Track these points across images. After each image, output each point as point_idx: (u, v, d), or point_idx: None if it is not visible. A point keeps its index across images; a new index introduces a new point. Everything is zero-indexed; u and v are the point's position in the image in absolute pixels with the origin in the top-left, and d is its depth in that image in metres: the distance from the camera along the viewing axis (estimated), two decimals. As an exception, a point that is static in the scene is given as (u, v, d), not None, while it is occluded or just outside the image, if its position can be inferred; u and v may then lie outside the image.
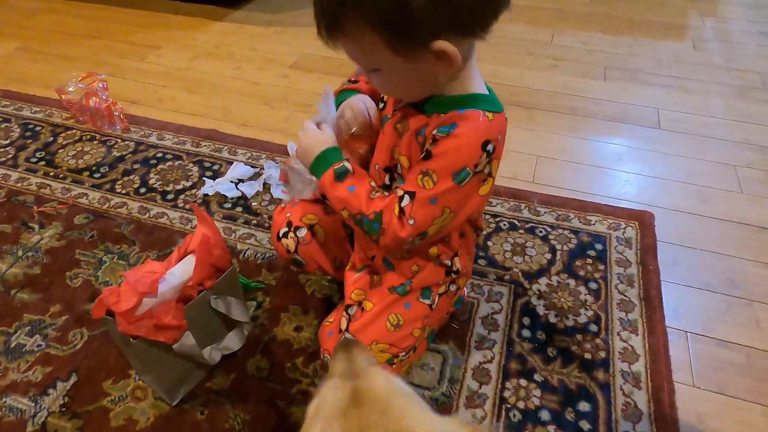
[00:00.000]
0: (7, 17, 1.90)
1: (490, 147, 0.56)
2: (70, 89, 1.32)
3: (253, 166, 1.17)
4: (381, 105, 0.69)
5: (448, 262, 0.69)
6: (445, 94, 0.57)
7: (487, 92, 0.59)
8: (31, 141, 1.27)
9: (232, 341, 0.78)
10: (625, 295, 0.90)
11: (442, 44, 0.49)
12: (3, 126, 1.32)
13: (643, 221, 1.04)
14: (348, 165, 0.62)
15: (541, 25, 1.81)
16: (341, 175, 0.61)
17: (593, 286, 0.92)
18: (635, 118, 1.36)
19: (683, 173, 1.17)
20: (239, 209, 1.08)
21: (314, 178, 0.65)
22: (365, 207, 0.60)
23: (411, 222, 0.58)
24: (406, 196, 0.58)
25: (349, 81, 0.72)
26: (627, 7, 1.95)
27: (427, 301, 0.70)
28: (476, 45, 0.55)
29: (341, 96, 0.71)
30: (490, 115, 0.56)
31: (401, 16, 0.47)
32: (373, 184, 0.62)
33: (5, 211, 1.07)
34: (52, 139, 1.28)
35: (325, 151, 0.63)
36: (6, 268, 0.95)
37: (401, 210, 0.58)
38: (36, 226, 1.04)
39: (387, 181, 0.66)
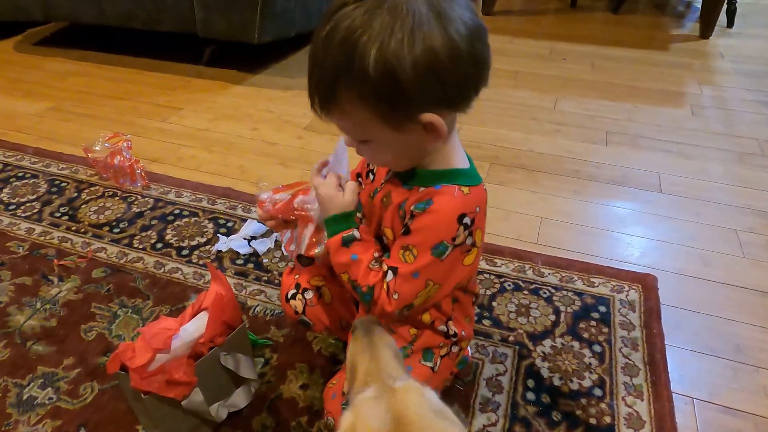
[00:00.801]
0: (42, 79, 2.03)
1: (467, 220, 0.59)
2: (97, 148, 1.40)
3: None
4: (371, 177, 0.73)
5: (443, 327, 0.71)
6: (427, 168, 0.62)
7: (468, 165, 0.63)
8: (56, 196, 1.34)
9: (239, 398, 0.79)
10: (630, 359, 0.90)
11: (429, 116, 0.53)
12: (31, 182, 1.39)
13: (646, 284, 1.05)
14: (356, 233, 0.64)
15: (544, 92, 1.90)
16: (348, 242, 0.64)
17: (597, 349, 0.92)
18: (636, 181, 1.40)
19: (685, 236, 1.20)
20: (251, 266, 1.11)
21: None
22: (362, 278, 0.63)
23: (395, 297, 0.61)
24: (390, 272, 0.61)
25: None
26: (627, 76, 2.04)
27: (429, 364, 0.72)
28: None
29: None
30: (466, 189, 0.60)
31: (392, 91, 0.50)
32: (376, 254, 0.64)
33: (27, 263, 1.12)
34: (76, 194, 1.34)
35: (340, 215, 0.65)
36: (24, 320, 0.98)
37: (387, 285, 0.61)
38: (55, 279, 1.07)
39: (376, 254, 0.69)
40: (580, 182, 1.40)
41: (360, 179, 0.78)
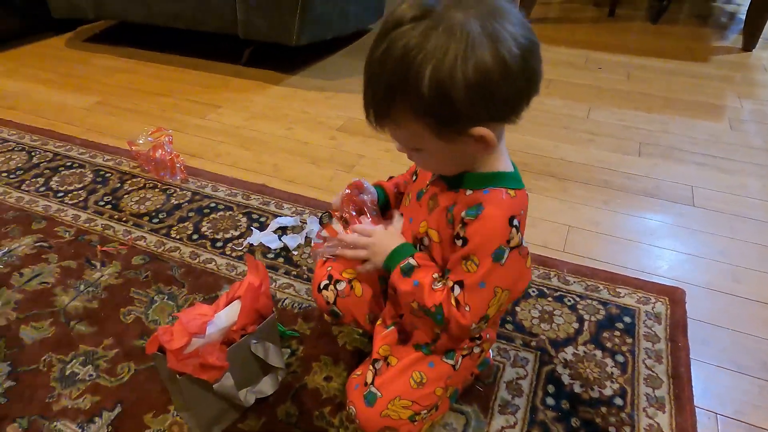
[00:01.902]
0: (90, 74, 2.13)
1: (516, 222, 0.61)
2: (140, 141, 1.47)
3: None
4: (414, 177, 0.75)
5: None
6: (474, 171, 0.64)
7: (512, 170, 0.65)
8: (100, 186, 1.41)
9: (267, 385, 0.83)
10: (653, 371, 0.90)
11: (480, 130, 0.55)
12: (78, 171, 1.47)
13: (674, 297, 1.04)
14: (413, 261, 0.67)
15: (578, 101, 1.89)
16: (408, 272, 0.66)
17: (620, 359, 0.92)
18: (669, 194, 1.38)
19: (717, 251, 1.18)
20: (281, 260, 1.15)
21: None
22: (428, 299, 0.64)
23: (467, 309, 0.63)
24: (456, 287, 0.63)
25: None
26: (664, 87, 2.01)
27: (451, 362, 0.74)
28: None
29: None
30: (512, 192, 0.62)
31: (444, 108, 0.53)
32: (436, 275, 0.66)
33: (73, 248, 1.18)
34: (119, 185, 1.41)
35: (394, 250, 0.69)
36: (69, 300, 1.05)
37: (456, 300, 0.63)
38: (98, 264, 1.14)
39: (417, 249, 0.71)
40: (610, 192, 1.39)
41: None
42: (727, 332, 0.98)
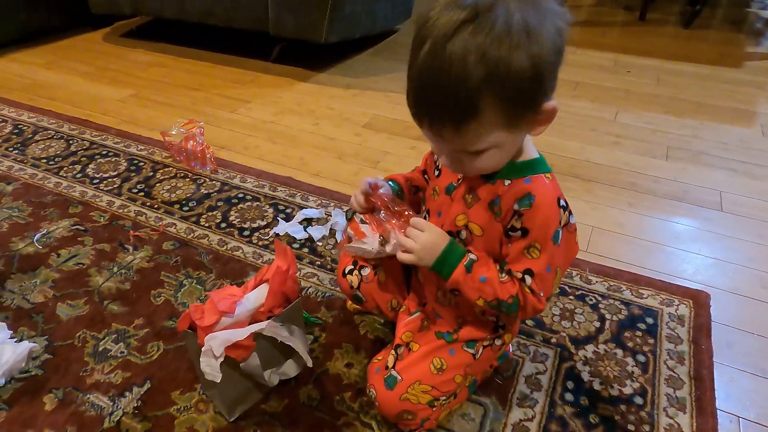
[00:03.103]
0: (126, 68, 2.20)
1: (563, 202, 0.65)
2: (173, 132, 1.51)
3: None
4: (436, 172, 0.76)
5: (494, 318, 0.74)
6: (512, 161, 0.65)
7: (540, 156, 0.67)
8: (134, 174, 1.46)
9: (290, 368, 0.85)
10: (675, 372, 0.90)
11: (550, 104, 0.58)
12: (113, 159, 1.52)
13: (699, 300, 1.04)
14: (472, 255, 0.67)
15: (605, 103, 1.88)
16: (470, 267, 0.67)
17: (641, 358, 0.92)
18: (696, 198, 1.37)
19: (744, 257, 1.16)
20: (306, 250, 1.17)
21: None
22: (501, 293, 0.66)
23: (542, 294, 0.66)
24: (527, 276, 0.65)
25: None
26: (694, 91, 1.98)
27: (471, 351, 0.75)
28: None
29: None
30: (549, 176, 0.65)
31: (536, 87, 0.55)
32: (497, 267, 0.68)
33: (107, 232, 1.23)
34: (151, 174, 1.46)
35: (446, 249, 0.67)
36: (103, 281, 1.09)
37: (530, 289, 0.66)
38: (131, 248, 1.18)
39: None
40: (636, 195, 1.38)
41: (426, 176, 0.82)
42: (753, 337, 0.97)
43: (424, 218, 0.77)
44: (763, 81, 2.08)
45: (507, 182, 0.64)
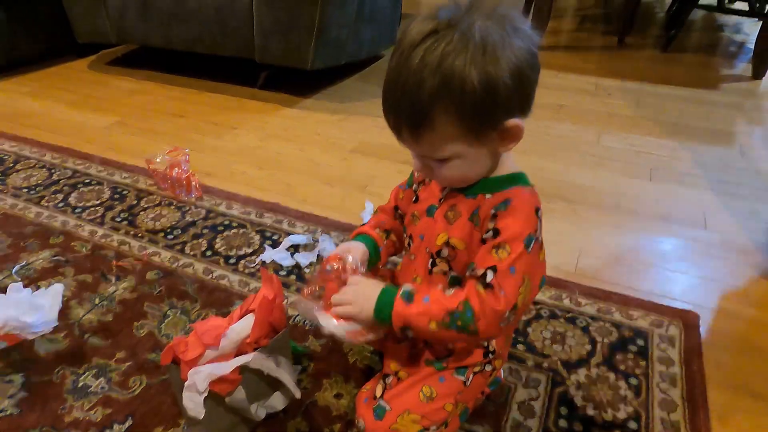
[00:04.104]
0: (111, 95, 2.19)
1: (539, 213, 0.65)
2: (158, 160, 1.50)
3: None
4: (414, 198, 0.77)
5: (484, 342, 0.73)
6: (490, 176, 0.67)
7: (522, 171, 0.69)
8: (118, 202, 1.43)
9: (277, 401, 0.83)
10: (668, 394, 0.89)
11: (513, 122, 0.59)
12: (96, 188, 1.50)
13: (688, 320, 1.04)
14: (408, 286, 0.67)
15: (588, 125, 1.91)
16: (409, 295, 0.66)
17: (634, 381, 0.91)
18: (680, 218, 1.38)
19: (730, 275, 1.17)
20: (293, 277, 1.16)
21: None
22: (449, 303, 0.63)
23: (502, 293, 0.61)
24: (488, 272, 0.62)
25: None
26: (673, 113, 2.02)
27: (461, 377, 0.74)
28: (525, 141, 0.65)
29: (358, 238, 0.80)
30: (530, 188, 0.66)
31: (490, 103, 0.57)
32: (440, 286, 0.67)
33: (89, 262, 1.20)
34: (135, 202, 1.44)
35: (382, 291, 0.68)
36: (83, 313, 1.06)
37: (488, 285, 0.62)
38: (113, 278, 1.15)
39: (429, 266, 0.72)
40: (621, 216, 1.39)
41: (399, 211, 0.83)
42: (743, 357, 0.97)
43: (408, 245, 0.77)
44: (739, 102, 2.14)
45: (488, 196, 0.66)
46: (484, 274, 0.62)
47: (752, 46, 2.45)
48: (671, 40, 2.75)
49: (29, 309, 0.89)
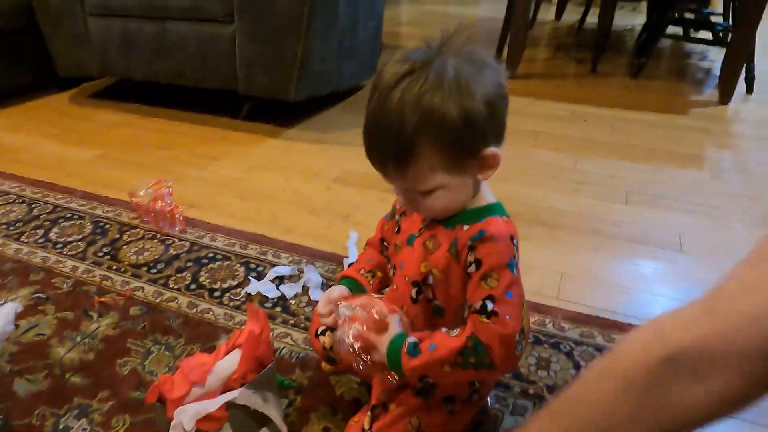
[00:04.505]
0: (92, 129, 2.19)
1: (515, 241, 0.67)
2: (141, 193, 1.50)
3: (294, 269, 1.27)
4: (396, 229, 0.79)
5: (507, 374, 0.74)
6: (468, 208, 0.69)
7: (498, 202, 0.72)
8: (100, 237, 1.42)
9: (265, 437, 0.82)
10: (651, 417, 0.90)
11: (490, 150, 0.63)
12: (78, 222, 1.49)
13: (668, 343, 1.06)
14: (412, 339, 0.68)
15: (565, 151, 1.97)
16: (415, 347, 0.67)
17: (618, 405, 0.92)
18: (657, 240, 1.42)
19: (707, 297, 1.20)
20: (278, 309, 1.16)
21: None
22: (455, 343, 0.64)
23: (508, 317, 0.63)
24: (486, 302, 0.64)
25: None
26: (647, 138, 2.09)
27: (449, 407, 0.74)
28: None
29: (343, 281, 0.82)
30: (504, 218, 0.69)
31: (469, 134, 0.60)
32: (444, 329, 0.68)
33: (70, 299, 1.19)
34: (118, 236, 1.43)
35: (389, 349, 0.69)
36: (65, 352, 1.04)
37: (491, 313, 0.63)
38: (95, 315, 1.14)
39: (414, 295, 0.74)
40: (600, 240, 1.43)
41: (385, 242, 0.85)
42: (722, 377, 0.99)
43: (393, 274, 0.78)
44: (708, 126, 2.23)
45: (465, 227, 0.68)
46: (483, 305, 0.64)
47: (718, 73, 2.56)
48: (641, 68, 2.86)
49: None
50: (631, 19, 4.21)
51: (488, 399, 0.88)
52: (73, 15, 2.20)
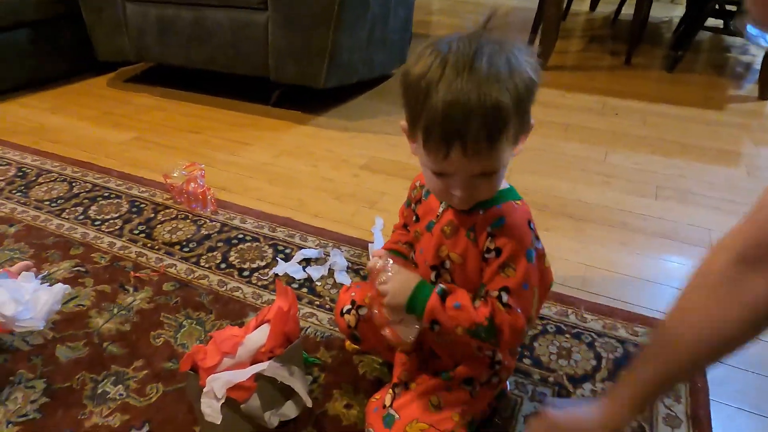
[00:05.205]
0: (129, 112, 2.26)
1: (532, 225, 0.69)
2: (175, 174, 1.55)
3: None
4: (415, 218, 0.81)
5: (490, 353, 0.75)
6: None
7: (510, 186, 0.72)
8: (135, 216, 1.48)
9: (290, 409, 0.85)
10: (672, 410, 0.90)
11: (532, 121, 0.65)
12: (115, 201, 1.55)
13: (692, 338, 1.05)
14: (443, 285, 0.71)
15: (595, 144, 1.94)
16: (444, 294, 0.69)
17: (638, 397, 0.93)
18: (686, 236, 1.40)
19: (735, 294, 1.19)
20: (304, 290, 1.19)
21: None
22: (476, 317, 0.67)
23: (520, 311, 0.67)
24: (503, 293, 0.67)
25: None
26: (680, 133, 2.05)
27: (468, 388, 0.76)
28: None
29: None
30: (519, 202, 0.70)
31: (529, 102, 0.61)
32: (470, 295, 0.70)
33: (108, 273, 1.24)
34: (153, 215, 1.48)
35: (418, 285, 0.71)
36: (102, 322, 1.10)
37: (506, 305, 0.67)
38: (131, 289, 1.19)
39: (433, 278, 0.75)
40: (627, 234, 1.42)
41: (407, 228, 0.87)
42: (747, 374, 0.98)
43: (413, 259, 0.80)
44: (746, 122, 2.16)
45: (482, 212, 0.69)
46: (500, 296, 0.67)
47: (759, 67, 2.48)
48: (678, 61, 2.79)
49: (15, 303, 0.89)
50: (669, 11, 4.08)
51: (507, 383, 0.90)
52: (113, 2, 2.27)
